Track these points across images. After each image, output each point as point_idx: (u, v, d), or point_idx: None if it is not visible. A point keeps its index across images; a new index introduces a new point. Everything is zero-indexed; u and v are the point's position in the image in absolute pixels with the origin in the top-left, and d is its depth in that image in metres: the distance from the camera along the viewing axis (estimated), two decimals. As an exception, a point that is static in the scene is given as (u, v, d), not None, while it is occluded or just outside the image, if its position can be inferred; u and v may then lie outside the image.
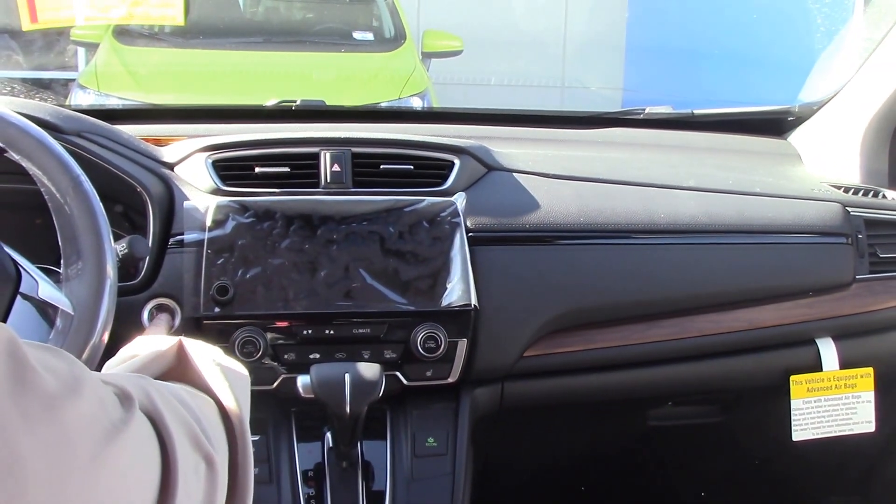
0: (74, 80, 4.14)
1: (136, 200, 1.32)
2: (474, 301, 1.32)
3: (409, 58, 4.61)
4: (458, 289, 1.32)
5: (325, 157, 1.42)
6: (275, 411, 1.36)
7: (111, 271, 1.04)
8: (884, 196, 1.69)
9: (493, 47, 6.61)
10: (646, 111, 1.97)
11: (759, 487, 1.94)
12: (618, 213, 1.47)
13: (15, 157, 1.06)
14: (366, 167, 1.43)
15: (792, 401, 1.57)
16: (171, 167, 1.41)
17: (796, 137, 1.93)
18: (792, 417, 1.57)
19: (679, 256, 1.48)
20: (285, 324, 1.29)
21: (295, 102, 1.84)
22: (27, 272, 0.99)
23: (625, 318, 1.48)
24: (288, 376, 1.30)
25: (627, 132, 1.91)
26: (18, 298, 0.97)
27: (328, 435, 1.34)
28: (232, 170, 1.40)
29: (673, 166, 1.71)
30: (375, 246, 1.33)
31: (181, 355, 0.73)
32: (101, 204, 1.06)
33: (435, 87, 4.49)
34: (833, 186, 1.68)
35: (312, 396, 1.23)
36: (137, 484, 0.53)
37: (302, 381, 1.28)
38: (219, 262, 1.29)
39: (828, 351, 1.56)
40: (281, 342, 1.29)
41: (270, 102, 1.88)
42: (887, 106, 1.76)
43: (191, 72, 4.05)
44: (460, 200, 1.40)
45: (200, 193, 1.37)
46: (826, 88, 1.91)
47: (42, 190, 1.06)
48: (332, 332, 1.31)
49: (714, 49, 6.28)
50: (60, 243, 1.05)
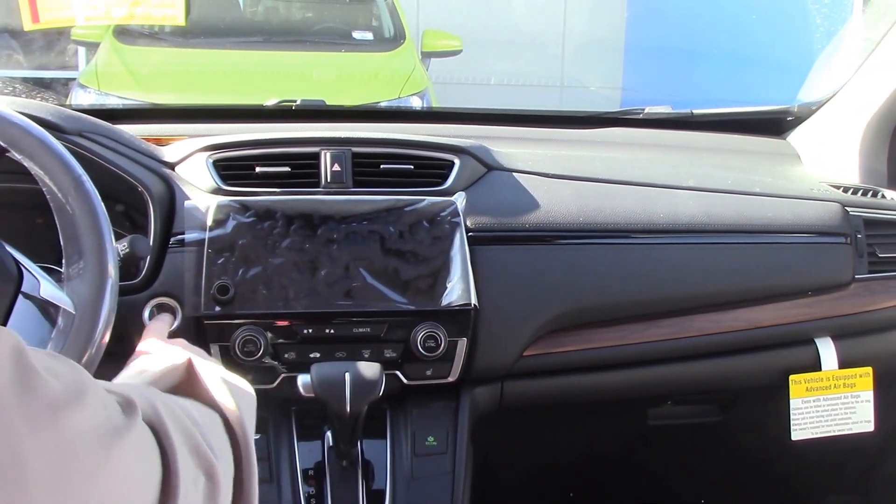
0: (75, 80, 4.14)
1: (138, 200, 1.32)
2: (474, 300, 1.33)
3: (409, 57, 4.62)
4: (458, 288, 1.32)
5: (326, 157, 1.42)
6: (275, 410, 1.36)
7: (112, 270, 1.05)
8: (883, 196, 1.69)
9: (493, 47, 6.62)
10: (645, 111, 1.98)
11: (759, 487, 1.94)
12: (617, 213, 1.47)
13: (17, 157, 1.06)
14: (366, 167, 1.44)
15: (791, 400, 1.57)
16: (172, 167, 1.41)
17: (795, 137, 1.93)
18: (791, 417, 1.57)
19: (678, 256, 1.48)
20: (286, 323, 1.30)
21: (295, 102, 1.84)
22: (29, 271, 1.00)
23: (624, 318, 1.48)
24: (288, 375, 1.30)
25: (627, 132, 1.91)
26: (20, 297, 0.98)
27: (328, 434, 1.34)
28: (232, 169, 1.41)
29: (672, 166, 1.71)
30: (375, 245, 1.34)
31: (190, 371, 0.74)
32: (103, 203, 1.07)
33: (434, 87, 4.50)
34: (832, 186, 1.69)
35: (313, 395, 1.23)
36: (137, 490, 0.53)
37: (302, 381, 1.28)
38: (219, 262, 1.29)
39: (827, 350, 1.56)
40: (281, 341, 1.30)
41: (270, 102, 1.89)
42: (886, 106, 1.76)
43: (191, 71, 4.05)
44: (460, 200, 1.41)
45: (201, 193, 1.37)
46: (825, 88, 1.91)
47: (44, 189, 1.06)
48: (333, 332, 1.31)
49: (713, 49, 6.28)
50: (62, 242, 1.05)
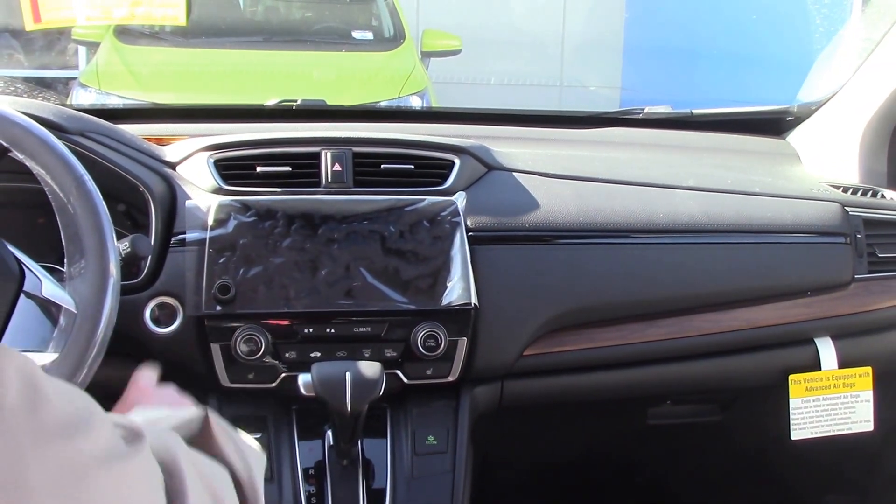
0: (76, 79, 4.15)
1: (139, 199, 1.32)
2: (474, 300, 1.33)
3: (409, 57, 4.62)
4: (459, 288, 1.33)
5: (327, 157, 1.42)
6: (276, 409, 1.36)
7: (114, 270, 1.05)
8: (882, 196, 1.69)
9: (492, 47, 6.62)
10: (645, 111, 1.98)
11: (758, 486, 1.95)
12: (617, 213, 1.47)
13: (19, 157, 1.06)
14: (367, 167, 1.44)
15: (791, 400, 1.57)
16: (174, 166, 1.42)
17: (795, 137, 1.93)
18: (791, 416, 1.57)
19: (678, 256, 1.48)
20: (286, 322, 1.30)
21: (295, 102, 1.84)
22: (31, 270, 1.00)
23: (624, 318, 1.48)
24: (289, 374, 1.30)
25: (627, 132, 1.91)
26: (22, 297, 0.98)
27: (329, 433, 1.34)
28: (233, 169, 1.41)
29: (672, 166, 1.71)
30: (376, 245, 1.34)
31: (205, 426, 0.74)
32: (104, 203, 1.07)
33: (434, 87, 4.50)
34: (832, 186, 1.69)
35: (313, 395, 1.23)
36: None
37: (303, 380, 1.28)
38: (220, 261, 1.29)
39: (826, 350, 1.56)
40: (282, 341, 1.30)
41: (271, 102, 1.89)
42: (886, 106, 1.76)
43: (191, 71, 4.05)
44: (460, 200, 1.41)
45: (202, 192, 1.38)
46: (825, 88, 1.91)
47: (46, 189, 1.06)
48: (333, 331, 1.31)
49: (713, 49, 6.28)
50: (64, 242, 1.06)
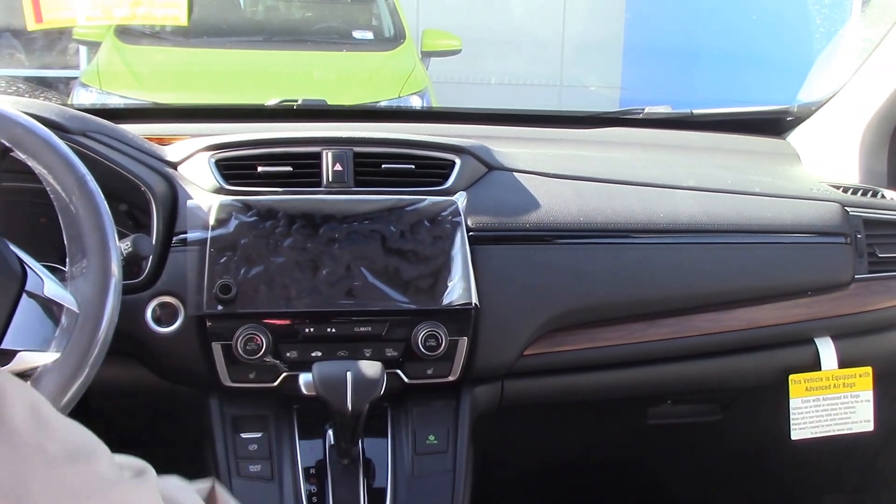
0: (77, 79, 4.15)
1: (140, 199, 1.33)
2: (475, 300, 1.33)
3: (409, 57, 4.63)
4: (459, 287, 1.33)
5: (328, 157, 1.43)
6: (276, 409, 1.37)
7: (116, 269, 1.05)
8: (882, 196, 1.69)
9: (492, 47, 6.62)
10: (645, 111, 1.98)
11: (758, 486, 1.95)
12: (617, 213, 1.47)
13: (21, 157, 1.07)
14: (367, 166, 1.44)
15: (791, 400, 1.57)
16: (175, 166, 1.42)
17: (795, 137, 1.93)
18: (791, 416, 1.57)
19: (678, 256, 1.48)
20: (287, 322, 1.30)
21: (296, 102, 1.85)
22: (33, 270, 1.00)
23: (624, 318, 1.48)
24: (290, 374, 1.31)
25: (627, 132, 1.91)
26: (24, 296, 0.98)
27: (329, 432, 1.34)
28: (235, 169, 1.41)
29: (672, 166, 1.72)
30: (377, 245, 1.34)
31: (212, 496, 0.75)
32: (106, 202, 1.07)
33: (434, 87, 4.50)
34: (832, 186, 1.69)
35: (314, 394, 1.24)
36: None
37: (304, 379, 1.28)
38: (222, 261, 1.29)
39: (826, 350, 1.56)
40: (283, 340, 1.30)
41: (272, 102, 1.89)
42: (886, 106, 1.76)
43: (192, 71, 4.06)
44: (461, 200, 1.41)
45: (204, 192, 1.38)
46: (825, 88, 1.92)
47: (47, 189, 1.07)
48: (334, 331, 1.31)
49: (713, 49, 6.29)
50: (66, 241, 1.06)
